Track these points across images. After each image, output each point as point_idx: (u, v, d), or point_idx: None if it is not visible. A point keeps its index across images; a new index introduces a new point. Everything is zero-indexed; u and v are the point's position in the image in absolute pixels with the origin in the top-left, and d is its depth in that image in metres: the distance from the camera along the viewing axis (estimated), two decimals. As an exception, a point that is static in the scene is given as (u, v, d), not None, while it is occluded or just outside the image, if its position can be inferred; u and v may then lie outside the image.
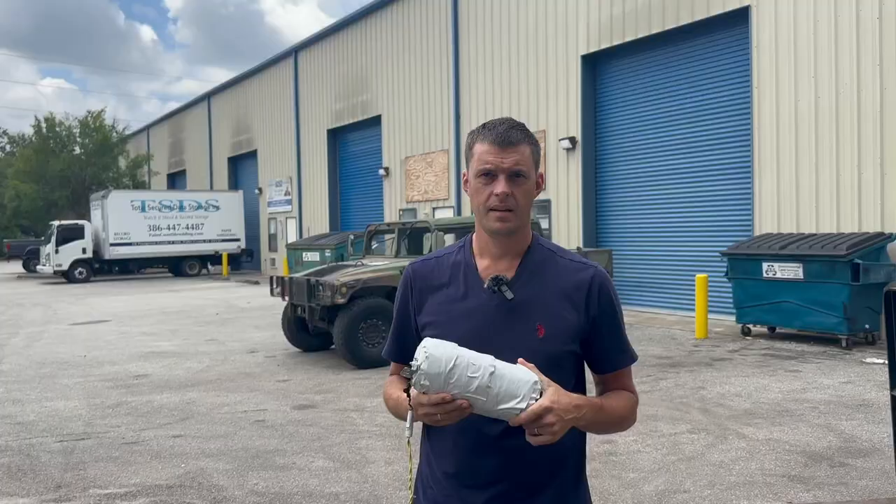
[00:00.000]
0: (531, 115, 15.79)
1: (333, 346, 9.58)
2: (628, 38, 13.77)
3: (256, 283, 24.30)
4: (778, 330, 10.40)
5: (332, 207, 25.08)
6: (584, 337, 1.62)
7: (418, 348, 1.44)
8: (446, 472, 1.60)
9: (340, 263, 11.07)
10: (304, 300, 9.28)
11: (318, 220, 25.60)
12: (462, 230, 10.12)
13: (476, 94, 17.79)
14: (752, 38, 11.65)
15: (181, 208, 28.81)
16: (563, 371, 1.59)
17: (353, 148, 24.34)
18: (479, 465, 1.56)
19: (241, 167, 33.38)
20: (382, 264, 9.51)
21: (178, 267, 29.22)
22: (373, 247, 11.25)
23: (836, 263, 9.13)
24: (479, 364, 1.43)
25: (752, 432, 5.76)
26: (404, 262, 9.49)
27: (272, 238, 29.30)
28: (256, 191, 30.38)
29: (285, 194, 28.08)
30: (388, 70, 21.32)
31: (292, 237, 26.90)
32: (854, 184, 10.32)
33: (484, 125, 1.61)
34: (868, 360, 8.52)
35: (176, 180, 41.23)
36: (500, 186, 1.55)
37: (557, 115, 15.33)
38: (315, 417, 6.61)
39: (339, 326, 8.79)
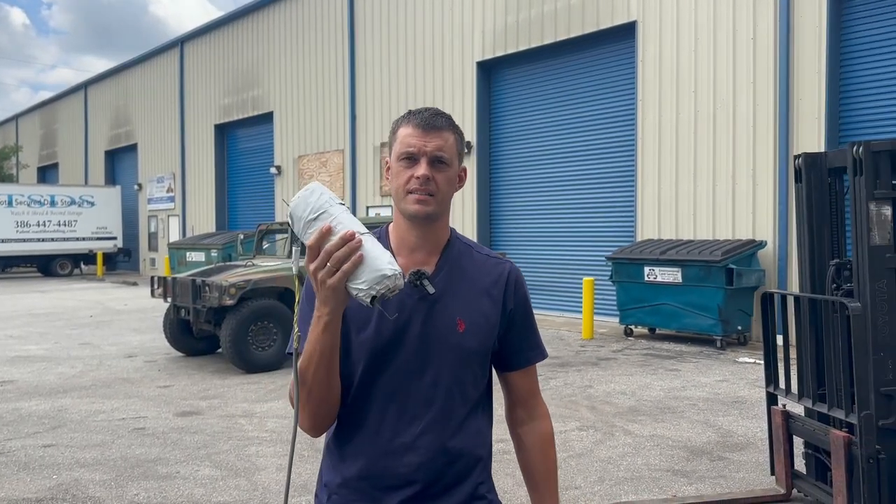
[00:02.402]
0: (426, 117, 15.83)
1: (220, 350, 9.22)
2: (522, 48, 14.07)
3: (134, 283, 23.10)
4: (658, 331, 10.90)
5: (219, 206, 24.21)
6: (501, 332, 1.61)
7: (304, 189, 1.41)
8: (356, 476, 1.53)
9: (229, 263, 10.68)
10: (188, 301, 8.87)
11: (204, 219, 24.65)
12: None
13: (372, 95, 17.66)
14: (637, 53, 12.17)
15: (52, 203, 26.99)
16: (480, 367, 1.59)
17: (242, 144, 23.60)
18: (394, 467, 1.51)
19: (119, 161, 31.64)
20: (274, 265, 9.24)
21: (47, 266, 27.34)
22: (264, 247, 10.92)
23: (712, 268, 9.67)
24: (346, 226, 1.34)
25: (637, 429, 5.98)
26: (296, 262, 9.25)
27: (152, 237, 27.95)
28: (136, 187, 28.88)
29: (168, 191, 26.85)
30: (282, 66, 20.82)
31: (175, 236, 25.74)
32: (729, 193, 10.97)
33: (410, 111, 1.59)
34: (741, 359, 9.06)
35: (47, 174, 38.60)
36: (422, 169, 1.51)
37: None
38: (200, 424, 6.32)
39: (227, 329, 8.46)
